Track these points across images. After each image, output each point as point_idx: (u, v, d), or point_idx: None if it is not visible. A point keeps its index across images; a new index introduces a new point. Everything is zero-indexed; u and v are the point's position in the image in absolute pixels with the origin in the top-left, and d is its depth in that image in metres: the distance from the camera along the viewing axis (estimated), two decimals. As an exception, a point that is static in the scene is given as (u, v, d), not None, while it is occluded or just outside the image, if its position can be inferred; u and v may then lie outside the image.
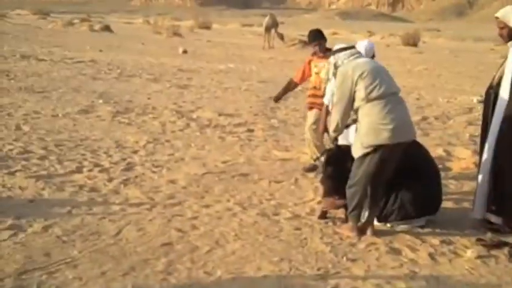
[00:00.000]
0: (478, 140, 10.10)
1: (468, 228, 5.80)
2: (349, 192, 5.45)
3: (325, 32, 7.77)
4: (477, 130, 10.99)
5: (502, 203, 5.71)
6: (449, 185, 7.24)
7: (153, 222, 5.58)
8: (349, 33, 56.50)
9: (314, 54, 7.50)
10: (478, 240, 5.44)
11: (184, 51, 25.21)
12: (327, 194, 5.84)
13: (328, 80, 6.08)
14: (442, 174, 6.53)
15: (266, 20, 32.24)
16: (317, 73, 7.43)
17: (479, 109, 13.59)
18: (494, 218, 5.78)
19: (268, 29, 32.02)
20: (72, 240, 5.03)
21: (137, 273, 4.46)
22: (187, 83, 15.54)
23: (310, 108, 7.63)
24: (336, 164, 5.80)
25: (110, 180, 6.82)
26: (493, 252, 5.23)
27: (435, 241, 5.43)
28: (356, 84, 5.25)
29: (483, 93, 6.26)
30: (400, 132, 5.23)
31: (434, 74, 22.30)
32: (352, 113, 5.45)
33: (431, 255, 5.11)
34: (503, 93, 5.71)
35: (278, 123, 10.85)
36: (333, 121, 5.51)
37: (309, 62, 7.62)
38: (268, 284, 4.42)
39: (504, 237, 5.51)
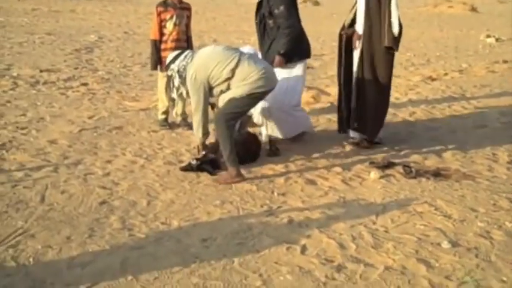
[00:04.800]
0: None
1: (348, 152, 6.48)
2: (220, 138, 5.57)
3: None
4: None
5: (363, 123, 6.60)
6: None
7: (70, 183, 5.33)
8: None
9: (164, 4, 7.08)
10: (371, 163, 6.09)
11: None
12: None
13: (174, 88, 5.90)
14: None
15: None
16: (176, 24, 7.07)
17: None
18: (354, 134, 6.75)
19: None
20: (5, 212, 4.64)
21: (101, 233, 4.31)
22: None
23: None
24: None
25: (-19, 147, 6.26)
26: (387, 172, 5.89)
27: (337, 169, 5.94)
28: (210, 80, 5.43)
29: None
30: (271, 78, 5.56)
31: (207, 17, 22.94)
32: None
33: (344, 182, 5.61)
34: (359, 31, 6.50)
35: (106, 74, 10.57)
36: (198, 127, 5.63)
37: (160, 14, 7.07)
38: (230, 226, 4.52)
39: (392, 158, 6.24)
